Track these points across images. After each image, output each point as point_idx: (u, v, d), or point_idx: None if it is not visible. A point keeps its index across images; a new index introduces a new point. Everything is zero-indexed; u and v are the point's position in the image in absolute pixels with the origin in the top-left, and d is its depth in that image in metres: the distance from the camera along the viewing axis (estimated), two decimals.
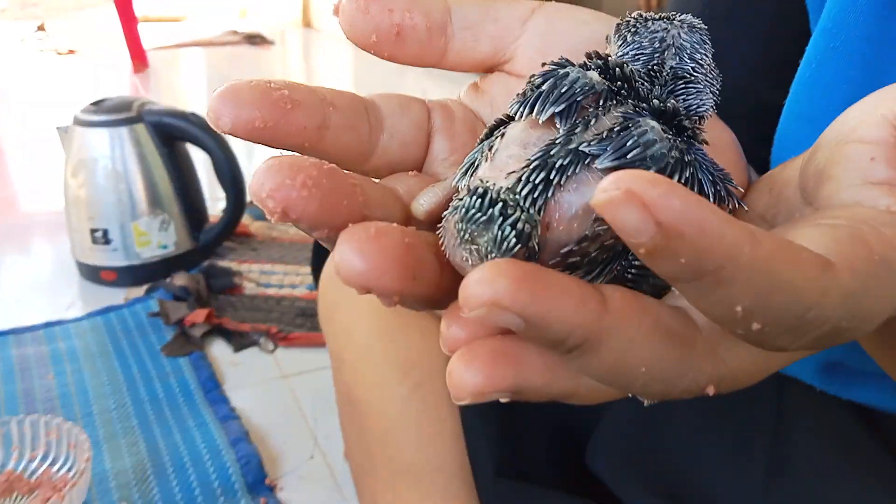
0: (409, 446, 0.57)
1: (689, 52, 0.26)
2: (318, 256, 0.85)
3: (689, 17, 0.27)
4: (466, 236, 0.21)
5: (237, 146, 1.38)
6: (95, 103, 1.27)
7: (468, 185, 0.21)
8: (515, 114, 0.24)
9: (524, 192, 0.22)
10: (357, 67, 3.67)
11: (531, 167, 0.22)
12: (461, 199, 0.21)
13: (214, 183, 1.37)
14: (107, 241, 1.27)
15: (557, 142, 0.22)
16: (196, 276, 1.30)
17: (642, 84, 0.25)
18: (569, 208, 0.22)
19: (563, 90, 0.23)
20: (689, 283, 0.17)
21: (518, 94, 0.24)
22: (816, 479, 0.48)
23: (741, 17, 0.50)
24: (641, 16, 0.27)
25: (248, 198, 1.49)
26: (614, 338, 0.18)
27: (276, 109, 0.22)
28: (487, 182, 0.21)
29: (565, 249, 0.21)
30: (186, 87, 2.96)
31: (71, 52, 3.28)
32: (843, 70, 0.39)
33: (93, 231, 1.27)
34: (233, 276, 1.34)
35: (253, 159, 2.12)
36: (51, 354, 1.10)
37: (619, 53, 0.26)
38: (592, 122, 0.23)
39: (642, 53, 0.26)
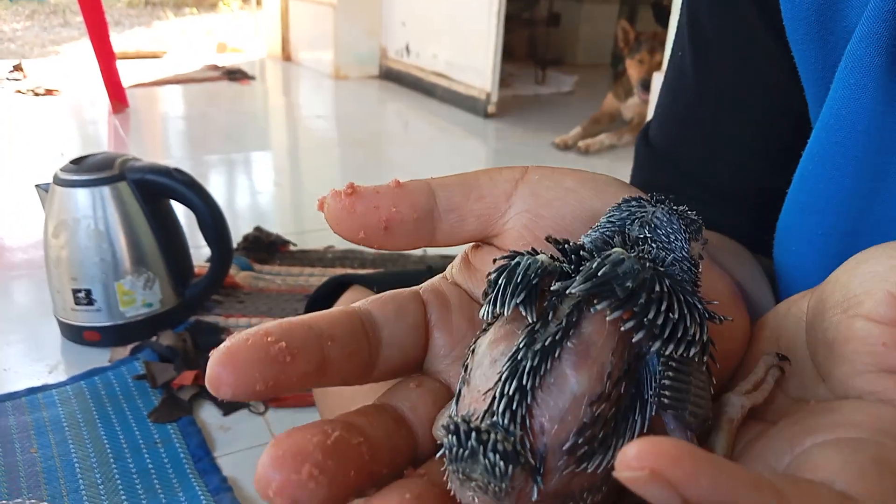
0: None
1: (654, 224, 0.26)
2: (312, 309, 0.84)
3: (679, 207, 0.27)
4: (461, 476, 0.21)
5: (214, 189, 1.37)
6: (76, 161, 1.25)
7: (445, 426, 0.21)
8: (484, 316, 0.25)
9: (502, 409, 0.22)
10: (337, 98, 3.67)
11: (502, 380, 0.22)
12: (444, 441, 0.22)
13: (197, 231, 1.34)
14: (90, 302, 1.25)
15: (522, 346, 0.22)
16: (182, 334, 1.28)
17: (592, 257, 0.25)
18: (555, 406, 0.21)
19: (518, 279, 0.23)
20: None
21: (482, 295, 0.25)
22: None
23: (738, 103, 0.50)
24: (634, 198, 0.27)
25: (234, 244, 1.48)
26: None
27: (276, 366, 0.22)
28: (462, 414, 0.22)
29: (567, 446, 0.21)
30: (167, 126, 2.94)
31: (49, 92, 3.25)
32: (845, 165, 0.39)
33: (75, 292, 1.24)
34: (220, 332, 1.32)
35: (225, 198, 2.10)
36: (34, 425, 1.07)
37: (596, 227, 0.27)
38: (551, 315, 0.23)
39: (612, 225, 0.26)
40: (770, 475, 0.17)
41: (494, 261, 0.25)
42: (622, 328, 0.22)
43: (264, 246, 1.68)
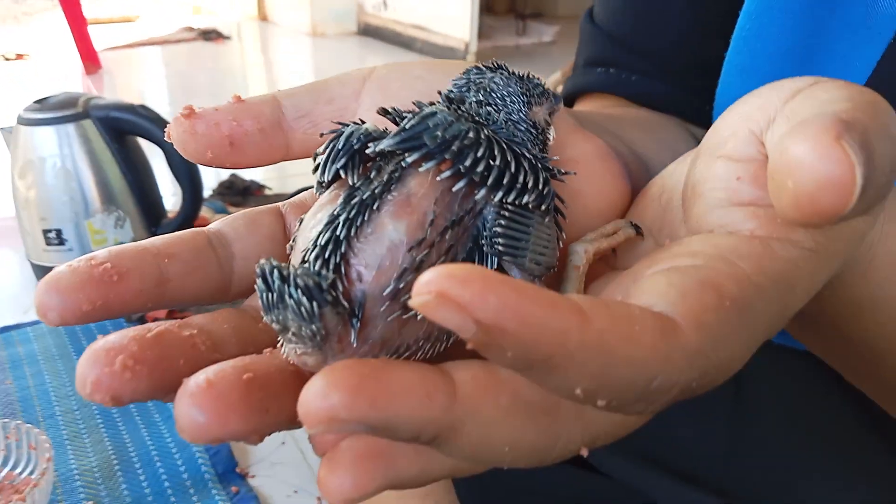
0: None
1: (490, 89, 0.26)
2: None
3: (520, 72, 0.27)
4: (279, 327, 0.21)
5: None
6: (39, 101, 1.23)
7: (256, 273, 0.21)
8: (315, 191, 0.25)
9: (313, 257, 0.21)
10: (315, 56, 3.63)
11: (318, 234, 0.22)
12: (256, 289, 0.21)
13: (171, 177, 1.33)
14: (61, 242, 1.24)
15: (340, 202, 0.22)
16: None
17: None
18: (371, 253, 0.21)
19: (339, 146, 0.23)
20: (523, 371, 0.16)
21: (313, 171, 0.25)
22: (776, 427, 0.48)
23: None
24: (474, 66, 0.27)
25: (210, 191, 1.47)
26: (469, 424, 0.17)
27: (102, 286, 0.22)
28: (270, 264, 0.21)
29: (388, 291, 0.21)
30: (142, 87, 2.91)
31: (19, 56, 3.19)
32: (782, 20, 0.39)
33: (45, 232, 1.24)
34: None
35: None
36: (9, 359, 1.08)
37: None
38: (373, 174, 0.23)
39: (450, 93, 0.26)
40: (576, 297, 0.16)
41: (322, 135, 0.25)
42: (438, 178, 0.21)
43: (239, 191, 1.67)
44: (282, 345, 0.22)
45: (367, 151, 0.23)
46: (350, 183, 0.23)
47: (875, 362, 0.29)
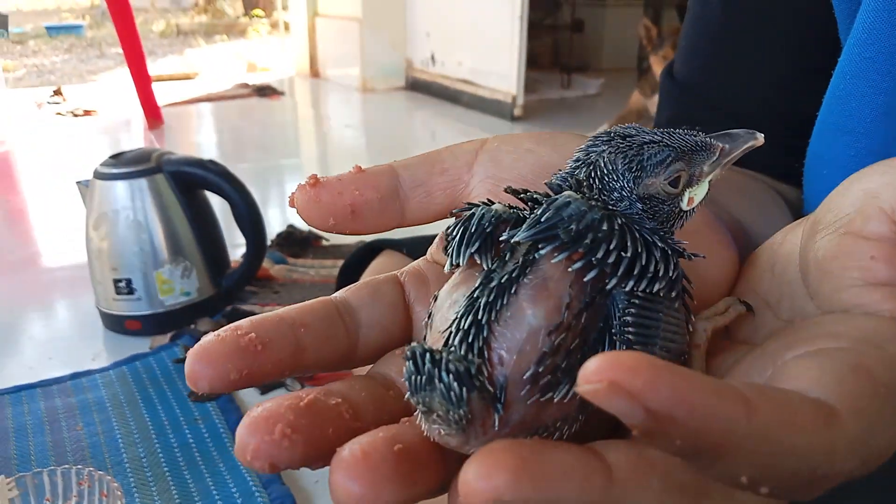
0: None
1: (599, 168, 0.26)
2: (344, 275, 0.85)
3: (636, 137, 0.26)
4: (424, 408, 0.21)
5: (256, 191, 1.40)
6: (115, 156, 1.29)
7: (404, 355, 0.22)
8: (446, 266, 0.25)
9: (458, 341, 0.22)
10: (365, 109, 3.72)
11: (459, 316, 0.22)
12: (404, 370, 0.21)
13: (234, 228, 1.38)
14: (130, 291, 1.28)
15: (478, 285, 0.23)
16: (220, 321, 1.31)
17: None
18: (512, 337, 0.21)
19: (472, 229, 0.24)
20: (689, 458, 0.16)
21: (443, 250, 0.25)
22: None
23: (764, 29, 0.49)
24: (593, 139, 0.27)
25: (269, 241, 1.51)
26: None
27: (248, 356, 0.23)
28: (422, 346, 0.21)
29: (528, 374, 0.21)
30: (200, 141, 3.02)
31: (87, 113, 3.35)
32: (878, 81, 0.38)
33: (116, 282, 1.28)
34: None
35: (267, 210, 2.14)
36: (79, 406, 1.10)
37: (555, 174, 0.27)
38: (508, 257, 0.23)
39: (570, 170, 0.26)
40: (737, 383, 0.16)
41: (452, 213, 0.26)
42: (570, 269, 0.22)
43: (297, 241, 1.71)
44: (418, 417, 0.22)
45: (489, 229, 0.23)
46: (484, 267, 0.23)
47: None
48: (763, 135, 0.26)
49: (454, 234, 0.25)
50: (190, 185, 1.31)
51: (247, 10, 8.45)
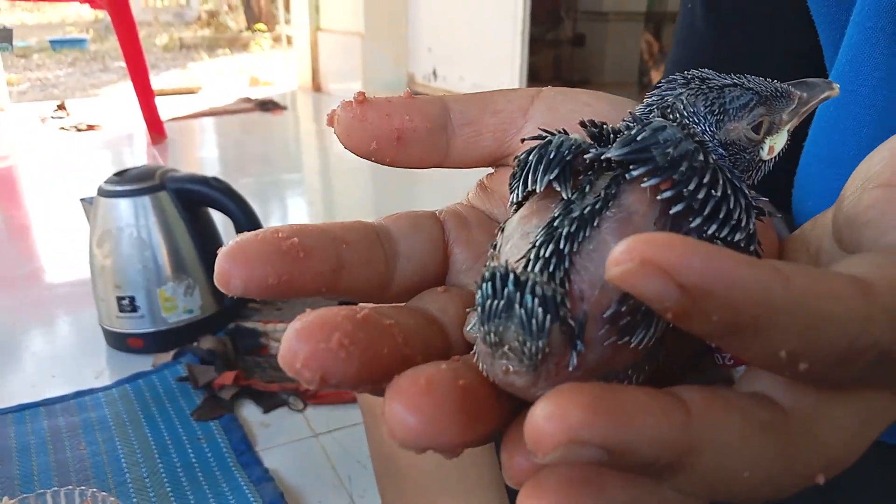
0: (450, 498, 0.56)
1: (678, 111, 0.24)
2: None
3: (715, 80, 0.25)
4: (494, 339, 0.19)
5: (259, 206, 1.41)
6: (119, 174, 1.30)
7: (481, 276, 0.19)
8: (513, 196, 0.23)
9: (538, 269, 0.20)
10: None
11: (537, 245, 0.20)
12: (478, 294, 0.19)
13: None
14: (134, 309, 1.28)
15: (558, 215, 0.21)
16: (222, 338, 1.31)
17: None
18: (595, 272, 0.19)
19: (551, 156, 0.22)
20: (726, 337, 0.15)
21: (510, 177, 0.23)
22: None
23: (750, 56, 0.49)
24: (668, 81, 0.25)
25: None
26: (708, 446, 0.16)
27: (288, 261, 0.21)
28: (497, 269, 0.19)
29: (609, 313, 0.19)
30: (203, 155, 3.03)
31: (91, 127, 3.37)
32: (861, 114, 0.38)
33: (119, 299, 1.28)
34: (259, 336, 1.34)
35: (271, 219, 2.14)
36: (82, 424, 1.10)
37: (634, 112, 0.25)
38: (587, 188, 0.21)
39: (646, 113, 0.25)
40: (771, 260, 0.16)
41: (523, 141, 0.24)
42: (659, 197, 0.20)
43: None
44: (477, 358, 0.20)
45: (587, 157, 0.21)
46: (564, 196, 0.21)
47: None
48: (839, 85, 0.25)
49: (529, 160, 0.22)
50: (193, 202, 1.31)
51: (249, 25, 8.51)
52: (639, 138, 0.20)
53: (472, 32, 3.48)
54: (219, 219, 1.37)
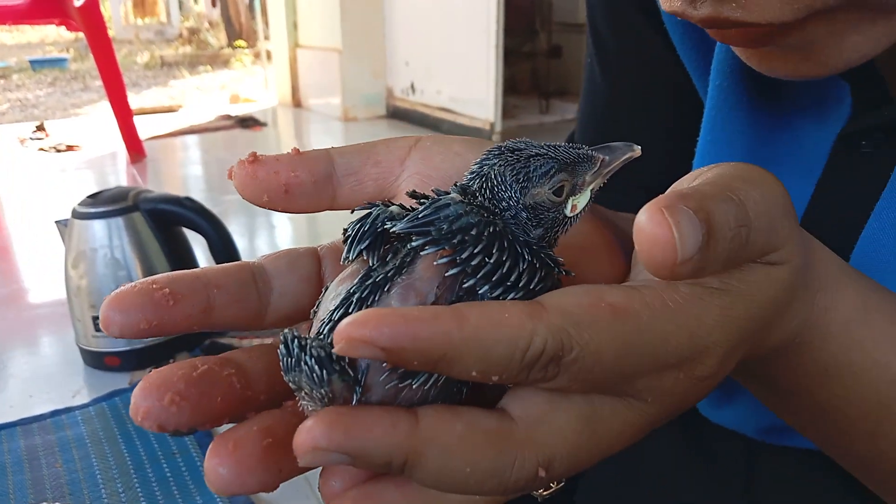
0: None
1: (490, 179, 0.27)
2: None
3: (524, 151, 0.28)
4: (294, 387, 0.24)
5: (233, 228, 1.43)
6: (93, 195, 1.32)
7: (280, 340, 0.24)
8: (342, 262, 0.27)
9: (327, 330, 0.24)
10: (347, 138, 3.77)
11: (334, 308, 0.25)
12: (279, 353, 0.24)
13: (212, 263, 1.41)
14: None
15: (357, 281, 0.25)
16: (198, 355, 1.33)
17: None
18: None
19: (365, 227, 0.26)
20: (430, 369, 0.20)
21: (342, 241, 0.27)
22: None
23: (645, 105, 0.53)
24: (491, 150, 0.28)
25: None
26: (430, 448, 0.21)
27: (159, 309, 0.25)
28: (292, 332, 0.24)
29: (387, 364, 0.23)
30: (183, 174, 3.05)
31: (70, 148, 3.38)
32: (726, 160, 0.42)
33: (95, 319, 1.30)
34: None
35: (246, 238, 2.17)
36: (58, 443, 1.12)
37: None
38: (390, 257, 0.25)
39: (470, 181, 0.28)
40: (459, 305, 0.21)
41: (352, 211, 0.28)
42: (435, 263, 0.24)
43: None
44: (297, 400, 0.25)
45: (381, 229, 0.26)
46: (370, 263, 0.25)
47: (849, 432, 0.32)
48: (640, 147, 0.29)
49: (350, 230, 0.26)
50: (167, 222, 1.34)
51: (230, 41, 8.54)
52: (420, 215, 0.24)
53: (447, 46, 3.53)
54: (194, 238, 1.40)
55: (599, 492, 0.56)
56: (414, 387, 0.23)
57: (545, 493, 0.36)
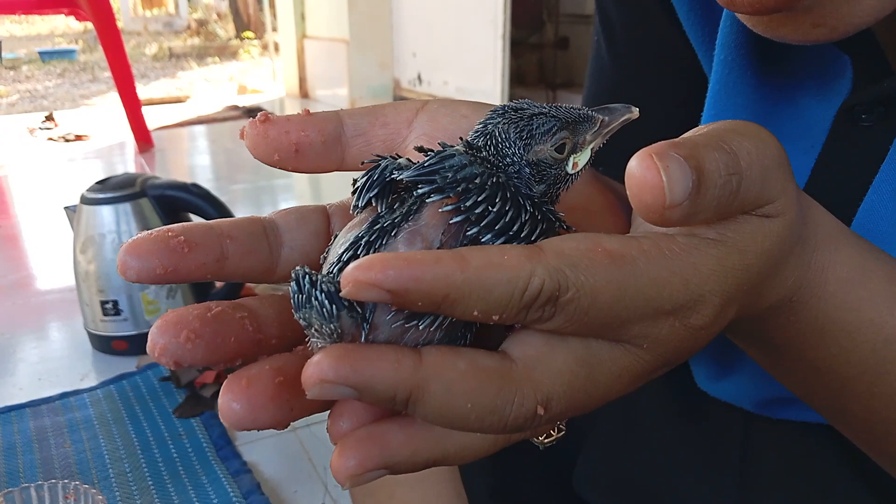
0: (406, 481, 0.60)
1: (494, 137, 0.28)
2: None
3: (527, 110, 0.29)
4: (304, 323, 0.24)
5: (250, 211, 1.45)
6: (101, 182, 1.34)
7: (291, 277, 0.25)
8: (351, 211, 0.28)
9: (337, 270, 0.25)
10: None
11: (343, 251, 0.26)
12: (290, 290, 0.25)
13: None
14: (117, 312, 1.32)
15: (365, 227, 0.26)
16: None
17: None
18: None
19: (374, 177, 0.27)
20: (435, 310, 0.21)
21: (351, 193, 0.28)
22: (783, 498, 0.50)
23: (651, 82, 0.53)
24: (497, 110, 0.29)
25: None
26: (433, 383, 0.22)
27: (174, 255, 0.26)
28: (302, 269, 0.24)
29: None
30: (190, 163, 3.07)
31: (79, 137, 3.40)
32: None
33: (103, 303, 1.32)
34: None
35: None
36: (67, 424, 1.14)
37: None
38: (397, 206, 0.26)
39: (476, 138, 0.29)
40: (461, 248, 0.21)
41: (362, 164, 0.29)
42: (440, 210, 0.25)
43: None
44: (307, 340, 0.26)
45: (389, 178, 0.27)
46: (378, 210, 0.26)
47: (845, 392, 0.32)
48: (638, 108, 0.30)
49: (360, 180, 0.27)
50: (174, 208, 1.35)
51: (238, 33, 8.55)
52: (426, 164, 0.25)
53: (454, 38, 3.53)
54: None
55: (598, 463, 0.57)
56: (420, 328, 0.24)
57: (546, 440, 0.36)
